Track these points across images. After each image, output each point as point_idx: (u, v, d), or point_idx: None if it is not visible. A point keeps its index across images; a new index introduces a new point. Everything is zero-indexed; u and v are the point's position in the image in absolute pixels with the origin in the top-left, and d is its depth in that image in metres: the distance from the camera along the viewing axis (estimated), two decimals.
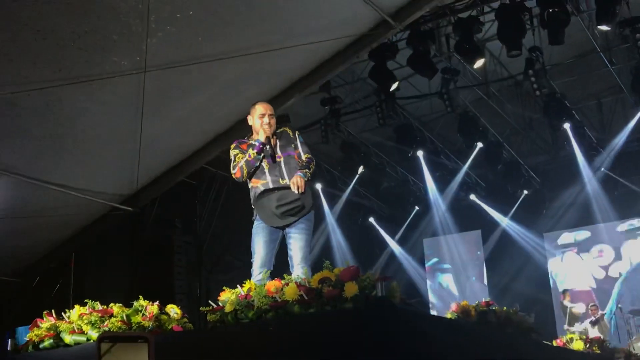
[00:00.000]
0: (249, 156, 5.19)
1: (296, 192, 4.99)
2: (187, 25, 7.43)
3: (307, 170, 5.14)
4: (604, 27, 10.08)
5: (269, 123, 5.27)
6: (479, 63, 11.09)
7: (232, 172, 5.31)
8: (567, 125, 13.21)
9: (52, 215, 10.03)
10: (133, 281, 12.09)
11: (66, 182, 9.54)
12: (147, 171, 10.11)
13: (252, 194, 5.26)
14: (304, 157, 5.26)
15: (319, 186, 15.54)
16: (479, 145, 14.14)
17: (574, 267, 15.88)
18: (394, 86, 11.55)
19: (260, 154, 5.17)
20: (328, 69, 9.38)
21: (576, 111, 13.48)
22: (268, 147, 5.19)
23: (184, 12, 7.20)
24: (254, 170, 5.21)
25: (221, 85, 8.86)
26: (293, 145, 5.27)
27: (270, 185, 5.11)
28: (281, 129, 5.38)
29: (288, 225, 5.08)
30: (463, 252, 17.30)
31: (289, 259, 5.06)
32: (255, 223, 5.20)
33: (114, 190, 10.33)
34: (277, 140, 5.29)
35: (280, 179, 5.12)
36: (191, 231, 13.27)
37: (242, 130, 9.52)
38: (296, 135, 5.35)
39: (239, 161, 5.25)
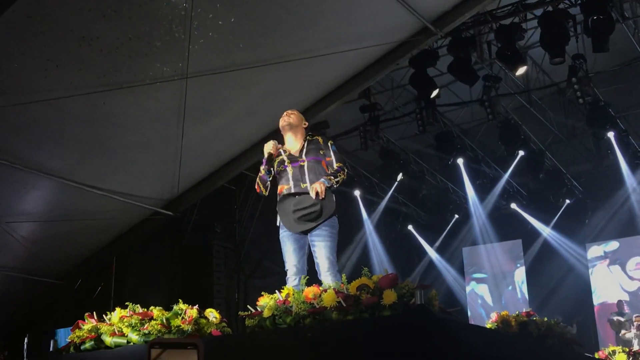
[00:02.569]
0: (260, 172, 5.28)
1: (313, 197, 4.96)
2: (228, 32, 7.50)
3: (333, 178, 5.09)
4: None
5: (288, 115, 5.37)
6: (521, 70, 10.96)
7: (255, 187, 5.42)
8: (610, 134, 12.97)
9: (95, 219, 10.18)
10: (173, 285, 12.20)
11: (108, 186, 9.68)
12: (188, 176, 10.20)
13: (277, 200, 5.30)
14: (335, 165, 5.25)
15: (357, 193, 15.52)
16: (521, 153, 13.97)
17: (614, 279, 15.57)
18: (434, 93, 11.47)
19: (268, 170, 5.24)
20: (368, 76, 9.37)
21: (620, 119, 13.23)
22: (268, 163, 5.26)
23: (226, 19, 7.27)
24: (279, 178, 5.25)
25: (261, 93, 8.90)
26: (322, 152, 5.25)
27: (292, 190, 5.12)
28: (314, 137, 5.37)
29: (309, 232, 5.07)
30: (503, 262, 17.09)
31: (316, 267, 5.04)
32: (280, 231, 5.22)
33: (155, 195, 10.44)
34: (305, 145, 5.29)
35: (301, 183, 5.11)
36: (230, 236, 13.34)
37: (281, 137, 9.58)
38: (328, 144, 5.33)
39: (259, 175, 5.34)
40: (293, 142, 5.33)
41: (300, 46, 8.11)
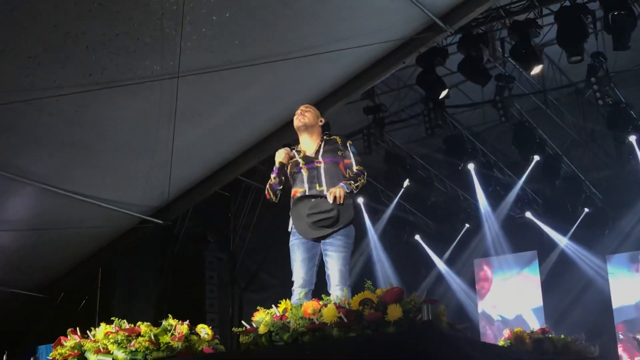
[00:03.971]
0: (270, 179, 5.31)
1: (330, 201, 4.95)
2: (223, 28, 7.51)
3: (353, 182, 5.09)
4: None
5: (303, 114, 5.35)
6: (536, 69, 10.96)
7: (265, 194, 5.44)
8: (632, 138, 12.95)
9: (79, 228, 10.18)
10: (162, 299, 12.19)
11: (94, 192, 9.69)
12: (179, 182, 10.21)
13: (291, 204, 5.29)
14: (355, 168, 5.25)
15: (360, 200, 15.51)
16: (536, 158, 13.96)
17: (638, 294, 15.54)
18: (444, 94, 11.47)
19: (279, 178, 5.25)
20: (372, 75, 9.38)
21: None
22: (281, 171, 5.28)
23: (221, 14, 7.28)
24: (293, 180, 5.26)
25: (258, 92, 8.92)
26: (340, 153, 5.24)
27: (307, 192, 5.12)
28: (331, 136, 5.38)
29: (323, 239, 5.05)
30: (516, 268, 17.07)
31: (326, 278, 5.02)
32: (291, 238, 5.20)
33: (144, 202, 10.45)
34: (322, 146, 5.29)
35: (317, 185, 5.11)
36: (224, 246, 13.34)
37: (279, 139, 9.60)
38: (347, 144, 5.32)
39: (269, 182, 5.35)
40: (308, 142, 5.33)
41: (300, 43, 8.12)
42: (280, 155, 5.30)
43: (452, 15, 8.57)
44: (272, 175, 5.30)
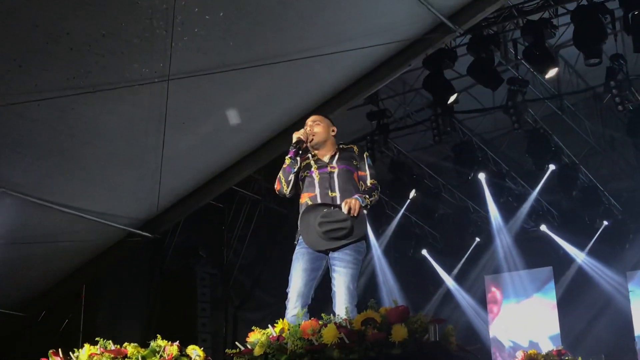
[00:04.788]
0: (284, 163, 5.25)
1: (345, 212, 4.94)
2: (217, 28, 7.53)
3: (367, 197, 5.10)
4: None
5: (311, 128, 5.35)
6: (551, 72, 10.99)
7: (275, 186, 5.37)
8: None
9: (61, 241, 10.17)
10: (151, 317, 12.18)
11: (78, 203, 9.69)
12: (169, 192, 10.22)
13: (300, 212, 5.26)
14: (369, 182, 5.25)
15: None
16: (551, 167, 13.97)
17: None
18: (452, 98, 11.50)
19: (295, 159, 5.21)
20: (376, 78, 9.40)
21: None
22: (296, 148, 5.23)
23: (214, 13, 7.31)
24: (294, 180, 5.23)
25: (254, 96, 8.94)
26: (355, 163, 5.26)
27: (319, 199, 5.10)
28: (348, 146, 5.41)
29: (332, 252, 5.03)
30: (531, 292, 17.05)
31: (332, 296, 5.01)
32: (297, 247, 5.18)
33: (131, 214, 10.45)
34: (337, 153, 5.30)
35: (329, 191, 5.11)
36: (217, 261, 13.33)
37: (277, 147, 9.62)
38: (364, 156, 5.34)
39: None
40: (322, 153, 5.35)
41: (299, 44, 8.14)
42: (300, 132, 5.29)
43: (461, 15, 8.59)
44: (287, 157, 5.26)
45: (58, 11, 6.86)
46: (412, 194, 14.87)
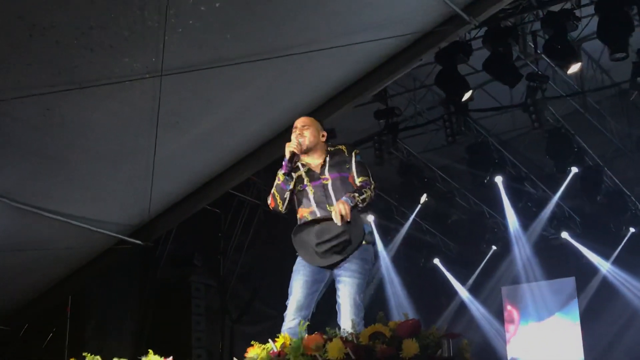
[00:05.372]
0: (278, 179, 5.23)
1: (339, 222, 4.92)
2: (213, 19, 7.54)
3: (357, 195, 5.06)
4: None
5: (301, 133, 5.30)
6: (573, 68, 10.98)
7: (268, 202, 5.37)
8: None
9: (45, 249, 10.18)
10: (142, 331, 12.19)
11: (63, 208, 9.70)
12: (162, 197, 10.22)
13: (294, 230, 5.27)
14: (357, 180, 5.23)
15: (371, 218, 15.48)
16: (574, 170, 13.97)
17: None
18: (467, 95, 11.50)
19: (289, 175, 5.20)
20: (385, 74, 9.40)
21: None
22: (290, 164, 5.19)
23: (210, 4, 7.31)
24: (298, 199, 5.22)
25: (253, 94, 8.94)
26: (347, 167, 5.26)
27: (318, 214, 5.11)
28: (336, 147, 5.38)
29: (335, 266, 5.04)
30: (552, 305, 17.03)
31: (337, 308, 5.01)
32: (298, 258, 5.20)
33: (121, 220, 10.46)
34: (327, 160, 5.30)
35: (327, 206, 5.11)
36: (214, 271, 13.35)
37: (277, 148, 9.59)
38: (353, 154, 5.33)
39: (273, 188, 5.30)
40: (312, 158, 5.33)
41: (301, 37, 8.14)
42: (293, 144, 5.25)
43: (476, 6, 8.58)
44: (281, 172, 5.24)
45: (43, 1, 6.87)
46: (423, 198, 14.87)
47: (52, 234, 9.93)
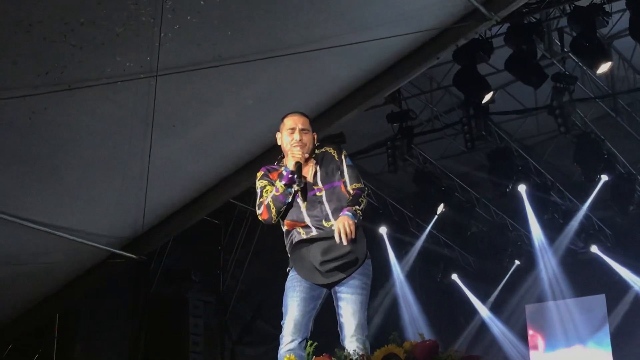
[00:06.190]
0: (277, 190, 5.05)
1: (345, 242, 4.86)
2: (212, 15, 7.55)
3: (357, 208, 4.98)
4: None
5: (301, 140, 5.16)
6: (603, 67, 10.96)
7: (258, 212, 5.19)
8: None
9: (31, 264, 10.19)
10: (135, 353, 12.18)
11: (51, 219, 9.70)
12: (157, 207, 10.23)
13: (287, 240, 5.21)
14: (350, 187, 5.12)
15: (383, 230, 15.50)
16: (604, 178, 13.94)
17: None
18: (488, 97, 11.50)
19: (291, 187, 5.08)
20: (398, 74, 9.40)
21: None
22: (298, 178, 5.00)
23: None
24: (286, 208, 5.14)
25: (256, 95, 8.95)
26: (339, 172, 5.17)
27: (314, 232, 5.03)
28: (322, 150, 5.26)
29: (336, 283, 5.02)
30: (581, 324, 16.98)
31: (338, 328, 4.99)
32: (291, 274, 5.13)
33: (113, 232, 10.46)
34: (317, 166, 5.21)
35: (324, 221, 5.02)
36: (213, 287, 13.35)
37: (281, 153, 9.60)
38: (342, 157, 5.21)
39: (265, 197, 5.15)
40: (304, 168, 5.16)
41: (308, 34, 8.15)
42: (297, 153, 5.08)
43: (497, 0, 8.59)
44: (280, 183, 5.05)
45: None
46: (440, 209, 14.84)
47: (36, 246, 9.94)
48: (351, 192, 5.07)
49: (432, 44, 9.04)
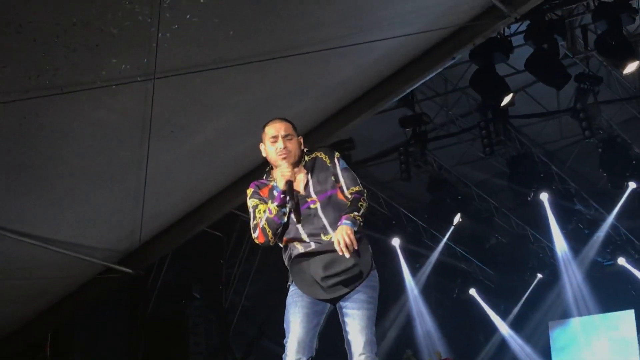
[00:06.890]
0: (270, 212, 5.01)
1: (346, 255, 4.82)
2: (213, 14, 7.58)
3: (356, 214, 4.91)
4: None
5: (285, 148, 5.11)
6: (630, 67, 10.98)
7: (254, 235, 5.13)
8: None
9: (22, 279, 10.21)
10: None
11: (41, 231, 9.72)
12: (155, 218, 10.25)
13: (284, 255, 5.19)
14: (347, 192, 5.06)
15: (396, 242, 15.49)
16: (631, 185, 13.93)
17: None
18: (507, 100, 11.50)
19: (284, 207, 5.02)
20: (411, 75, 9.41)
21: None
22: (290, 197, 4.90)
23: None
24: (283, 228, 5.09)
25: (259, 98, 8.96)
26: (333, 178, 5.09)
27: (312, 246, 5.00)
28: (311, 156, 5.16)
29: (340, 298, 5.01)
30: (609, 342, 16.96)
31: (346, 346, 4.99)
32: (292, 288, 5.11)
33: (108, 245, 10.48)
34: (308, 176, 5.13)
35: (322, 235, 4.98)
36: (214, 304, 13.36)
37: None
38: (335, 160, 5.10)
39: (259, 218, 5.10)
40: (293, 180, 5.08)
41: (315, 33, 8.17)
42: (286, 171, 5.01)
43: None
44: (273, 204, 5.00)
45: None
46: (457, 219, 14.85)
47: (27, 260, 9.95)
48: (349, 197, 4.99)
49: (447, 43, 9.06)
